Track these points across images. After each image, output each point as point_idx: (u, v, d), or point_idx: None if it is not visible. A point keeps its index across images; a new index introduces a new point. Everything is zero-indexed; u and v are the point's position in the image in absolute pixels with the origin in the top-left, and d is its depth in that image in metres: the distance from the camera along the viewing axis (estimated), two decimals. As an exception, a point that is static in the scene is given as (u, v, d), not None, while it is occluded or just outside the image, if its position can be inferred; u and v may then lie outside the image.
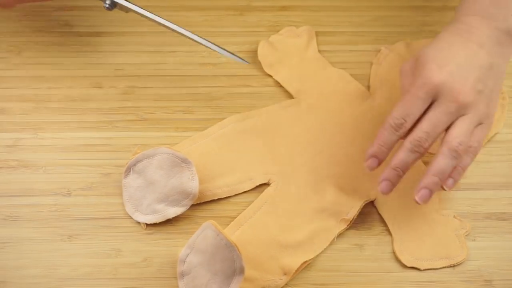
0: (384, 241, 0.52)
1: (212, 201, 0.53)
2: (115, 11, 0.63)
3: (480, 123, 0.49)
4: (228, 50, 0.55)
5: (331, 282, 0.50)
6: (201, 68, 0.60)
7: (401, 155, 0.48)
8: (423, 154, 0.48)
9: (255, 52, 0.61)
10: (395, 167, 0.48)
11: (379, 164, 0.49)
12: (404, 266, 0.50)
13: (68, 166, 0.54)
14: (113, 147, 0.55)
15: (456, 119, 0.48)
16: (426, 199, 0.48)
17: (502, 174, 0.55)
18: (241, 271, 0.46)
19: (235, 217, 0.52)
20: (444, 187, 0.48)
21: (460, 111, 0.47)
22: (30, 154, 0.54)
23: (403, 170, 0.48)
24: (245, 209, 0.52)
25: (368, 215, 0.53)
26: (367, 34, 0.62)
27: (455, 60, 0.48)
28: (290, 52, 0.60)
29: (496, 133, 0.56)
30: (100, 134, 0.56)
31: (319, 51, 0.61)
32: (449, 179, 0.48)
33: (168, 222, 0.52)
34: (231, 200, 0.53)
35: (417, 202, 0.48)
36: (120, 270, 0.50)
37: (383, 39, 0.62)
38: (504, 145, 0.56)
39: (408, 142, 0.48)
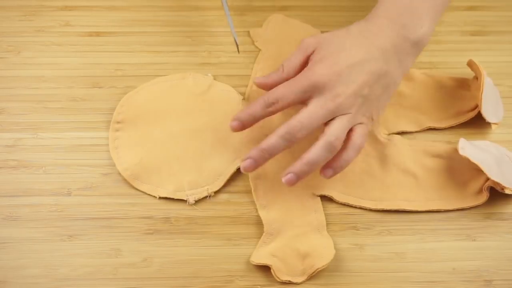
0: (384, 241, 0.52)
1: (212, 201, 0.53)
2: (115, 11, 0.63)
3: (360, 123, 0.50)
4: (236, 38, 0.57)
5: (331, 282, 0.50)
6: (201, 68, 0.60)
7: (272, 139, 0.49)
8: (294, 143, 0.49)
9: (254, 52, 0.61)
10: (262, 149, 0.49)
11: (241, 129, 0.51)
12: (404, 266, 0.50)
13: (68, 166, 0.54)
14: (113, 147, 0.55)
15: (336, 117, 0.49)
16: (291, 183, 0.49)
17: (502, 174, 0.55)
18: None
19: (235, 217, 0.52)
20: (322, 174, 0.50)
21: (339, 111, 0.49)
22: (30, 154, 0.54)
23: (270, 153, 0.49)
24: (245, 209, 0.53)
25: (368, 215, 0.53)
26: (367, 34, 0.62)
27: (348, 61, 0.49)
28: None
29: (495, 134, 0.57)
30: (100, 134, 0.56)
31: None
32: (329, 169, 0.50)
33: (168, 222, 0.52)
34: (231, 200, 0.53)
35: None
36: (120, 270, 0.50)
37: (383, 39, 0.62)
38: (504, 145, 0.56)
39: (282, 128, 0.49)
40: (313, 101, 0.49)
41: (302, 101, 0.50)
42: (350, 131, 0.50)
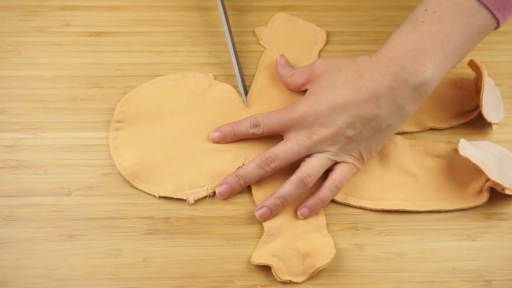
0: (384, 241, 0.52)
1: (212, 201, 0.53)
2: (115, 11, 0.63)
3: (344, 162, 0.51)
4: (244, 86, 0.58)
5: (331, 282, 0.50)
6: (201, 68, 0.60)
7: (248, 167, 0.52)
8: (269, 172, 0.51)
9: (254, 52, 0.61)
10: (238, 175, 0.52)
11: (222, 141, 0.54)
12: (404, 266, 0.50)
13: (68, 166, 0.54)
14: (113, 147, 0.55)
15: (313, 154, 0.51)
16: (264, 217, 0.51)
17: (502, 174, 0.55)
18: None
19: (235, 217, 0.52)
20: (298, 214, 0.51)
21: (315, 149, 0.51)
22: (30, 154, 0.54)
23: (245, 180, 0.52)
24: (245, 209, 0.53)
25: (368, 215, 0.53)
26: (367, 34, 0.63)
27: (332, 102, 0.50)
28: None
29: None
30: (100, 134, 0.56)
31: (320, 51, 0.61)
32: (305, 208, 0.51)
33: (168, 222, 0.52)
34: (231, 200, 0.53)
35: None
36: (120, 270, 0.50)
37: (383, 39, 0.61)
38: (504, 145, 0.56)
39: (258, 157, 0.51)
40: (291, 135, 0.51)
41: (281, 132, 0.52)
42: (330, 169, 0.52)
